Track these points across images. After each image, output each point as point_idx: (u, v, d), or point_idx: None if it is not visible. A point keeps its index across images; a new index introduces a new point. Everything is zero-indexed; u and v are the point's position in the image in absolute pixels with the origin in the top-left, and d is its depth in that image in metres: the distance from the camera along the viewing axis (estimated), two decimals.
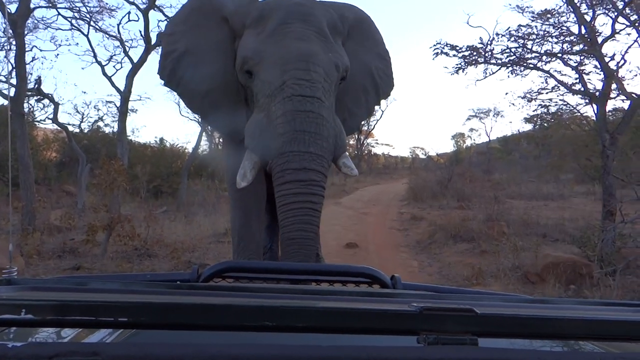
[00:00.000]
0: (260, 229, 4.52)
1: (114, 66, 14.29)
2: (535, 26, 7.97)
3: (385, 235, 9.84)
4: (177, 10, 3.96)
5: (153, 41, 12.26)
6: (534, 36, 7.82)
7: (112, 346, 0.60)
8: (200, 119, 3.90)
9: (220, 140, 21.33)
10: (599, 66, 7.14)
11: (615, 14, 7.35)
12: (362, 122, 4.48)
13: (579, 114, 8.46)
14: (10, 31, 9.02)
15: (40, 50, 14.73)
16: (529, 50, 7.85)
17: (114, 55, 13.72)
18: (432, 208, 13.35)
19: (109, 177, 7.67)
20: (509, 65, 8.00)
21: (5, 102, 14.34)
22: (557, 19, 8.16)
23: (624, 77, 7.48)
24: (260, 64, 3.19)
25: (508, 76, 8.28)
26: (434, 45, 8.15)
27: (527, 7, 8.31)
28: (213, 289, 0.94)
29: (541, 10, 8.28)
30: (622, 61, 7.08)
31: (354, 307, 0.73)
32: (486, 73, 8.22)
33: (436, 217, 10.99)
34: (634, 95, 7.00)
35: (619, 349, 0.95)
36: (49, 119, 14.76)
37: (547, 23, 8.14)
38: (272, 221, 5.31)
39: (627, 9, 7.25)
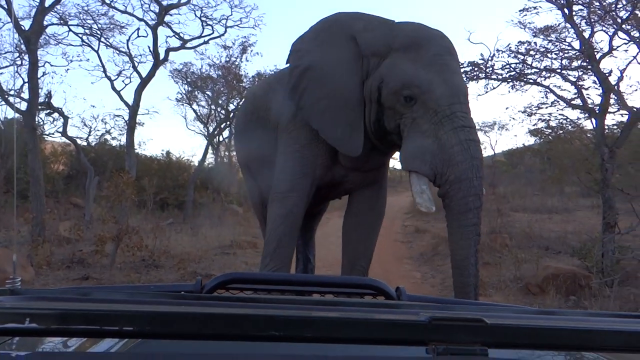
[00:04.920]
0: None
1: (122, 81, 14.49)
2: (535, 42, 8.12)
3: (389, 248, 9.92)
4: (307, 29, 4.06)
5: (161, 56, 12.51)
6: (534, 52, 7.96)
7: (116, 356, 0.61)
8: (319, 132, 3.88)
9: (227, 153, 21.53)
10: (597, 81, 7.27)
11: (613, 30, 7.50)
12: None
13: (579, 128, 8.58)
14: (24, 47, 9.26)
15: (52, 66, 15.00)
16: (529, 66, 8.00)
17: (123, 70, 13.96)
18: (436, 220, 13.37)
19: (118, 190, 7.83)
20: (510, 80, 8.15)
21: (14, 116, 14.61)
22: (557, 35, 8.32)
23: (623, 92, 7.60)
24: (429, 93, 3.35)
25: (509, 91, 8.42)
26: None
27: (529, 22, 8.45)
28: (217, 299, 0.93)
29: (542, 27, 8.47)
30: (621, 76, 7.20)
31: (362, 317, 0.71)
32: (487, 88, 8.36)
33: (440, 229, 11.03)
34: (634, 109, 7.12)
35: None
36: (58, 132, 14.97)
37: (548, 39, 8.30)
38: (307, 234, 5.33)
39: (626, 25, 7.40)
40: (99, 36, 12.92)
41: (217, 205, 14.65)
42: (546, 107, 8.61)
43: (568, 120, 8.55)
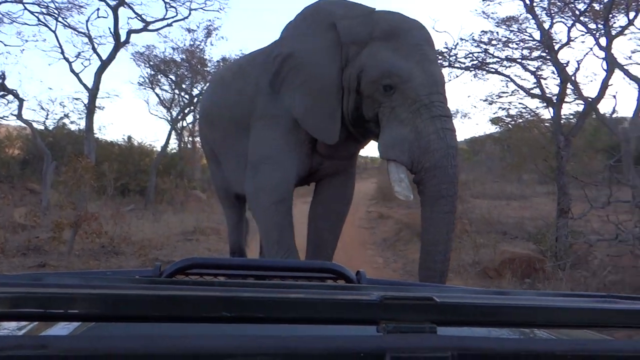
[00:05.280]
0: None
1: (82, 63, 13.97)
2: (497, 32, 8.29)
3: (353, 233, 10.01)
4: (293, 18, 4.03)
5: (122, 38, 12.16)
6: (496, 42, 8.12)
7: (61, 339, 0.58)
8: (298, 119, 3.86)
9: (190, 139, 21.19)
10: (555, 71, 7.48)
11: (572, 22, 7.72)
12: None
13: (537, 117, 8.83)
14: None
15: (5, 45, 14.34)
16: (490, 55, 8.16)
17: (82, 51, 13.48)
18: (399, 207, 13.57)
19: (76, 175, 7.62)
20: (472, 69, 8.29)
21: None
22: (518, 26, 8.51)
23: (579, 82, 7.87)
24: (408, 82, 3.36)
25: (471, 80, 8.60)
26: None
27: (492, 12, 8.61)
28: (173, 283, 0.91)
29: (505, 17, 8.64)
30: (578, 67, 7.45)
31: (312, 297, 0.71)
32: (450, 76, 8.49)
33: (403, 215, 11.22)
34: (589, 99, 7.37)
35: (569, 337, 0.98)
36: (13, 115, 14.39)
37: (509, 29, 8.48)
38: None
39: (584, 17, 7.63)
40: (57, 16, 12.44)
41: (180, 191, 14.44)
42: (506, 96, 8.84)
43: (527, 109, 8.79)
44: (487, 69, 8.37)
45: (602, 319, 0.77)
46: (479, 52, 8.27)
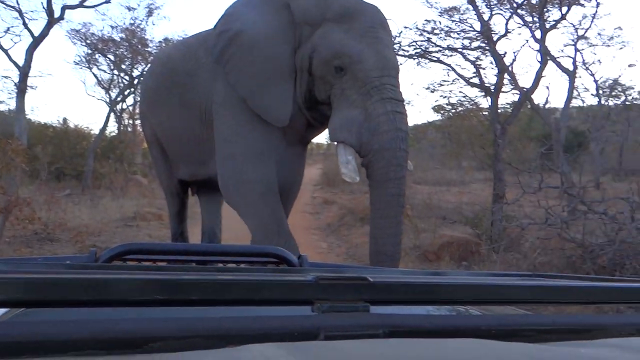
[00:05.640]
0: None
1: (11, 39, 13.13)
2: (440, 21, 8.49)
3: (298, 219, 10.03)
4: None
5: (56, 14, 11.52)
6: (438, 31, 8.32)
7: None
8: (246, 99, 3.58)
9: (130, 122, 20.49)
10: (494, 62, 7.76)
11: (510, 14, 8.01)
12: None
13: (476, 105, 9.15)
14: None
15: None
16: (433, 44, 8.34)
17: (12, 27, 12.67)
18: (343, 192, 13.75)
19: (6, 158, 7.22)
20: (415, 57, 8.46)
21: None
22: (460, 16, 8.75)
23: (516, 73, 8.20)
24: (359, 64, 3.34)
25: (414, 68, 8.78)
26: None
27: (435, 2, 8.81)
28: (106, 268, 0.89)
29: (448, 7, 8.85)
30: (515, 58, 7.76)
31: (249, 279, 0.71)
32: None
33: (347, 201, 11.37)
34: (524, 89, 7.71)
35: (493, 313, 1.04)
36: None
37: (452, 19, 8.71)
38: (213, 206, 5.18)
39: (521, 9, 7.94)
40: None
41: (120, 175, 13.97)
42: (447, 85, 9.09)
43: (467, 97, 9.08)
44: (429, 57, 8.57)
45: (527, 295, 0.81)
46: (422, 41, 8.45)
